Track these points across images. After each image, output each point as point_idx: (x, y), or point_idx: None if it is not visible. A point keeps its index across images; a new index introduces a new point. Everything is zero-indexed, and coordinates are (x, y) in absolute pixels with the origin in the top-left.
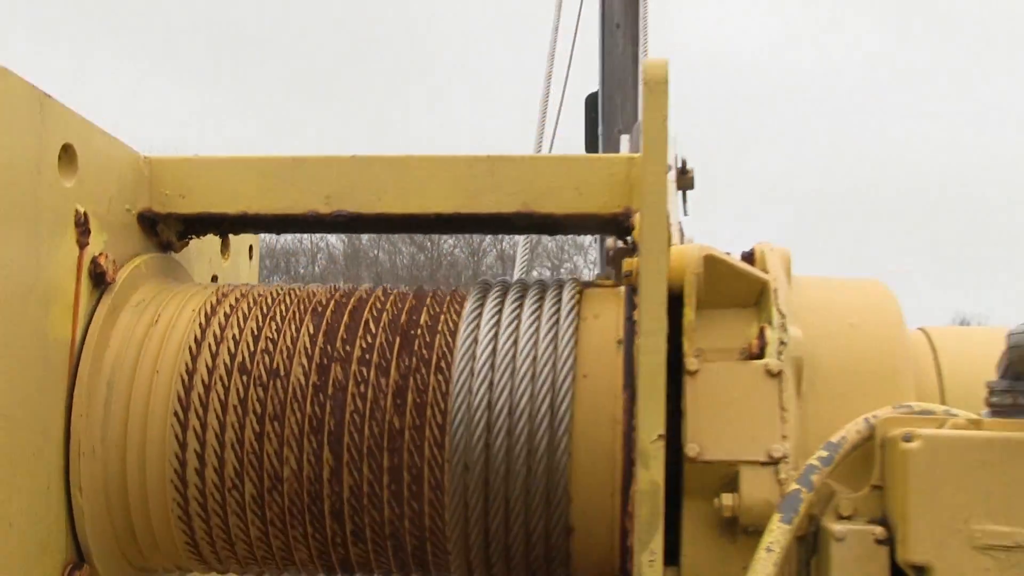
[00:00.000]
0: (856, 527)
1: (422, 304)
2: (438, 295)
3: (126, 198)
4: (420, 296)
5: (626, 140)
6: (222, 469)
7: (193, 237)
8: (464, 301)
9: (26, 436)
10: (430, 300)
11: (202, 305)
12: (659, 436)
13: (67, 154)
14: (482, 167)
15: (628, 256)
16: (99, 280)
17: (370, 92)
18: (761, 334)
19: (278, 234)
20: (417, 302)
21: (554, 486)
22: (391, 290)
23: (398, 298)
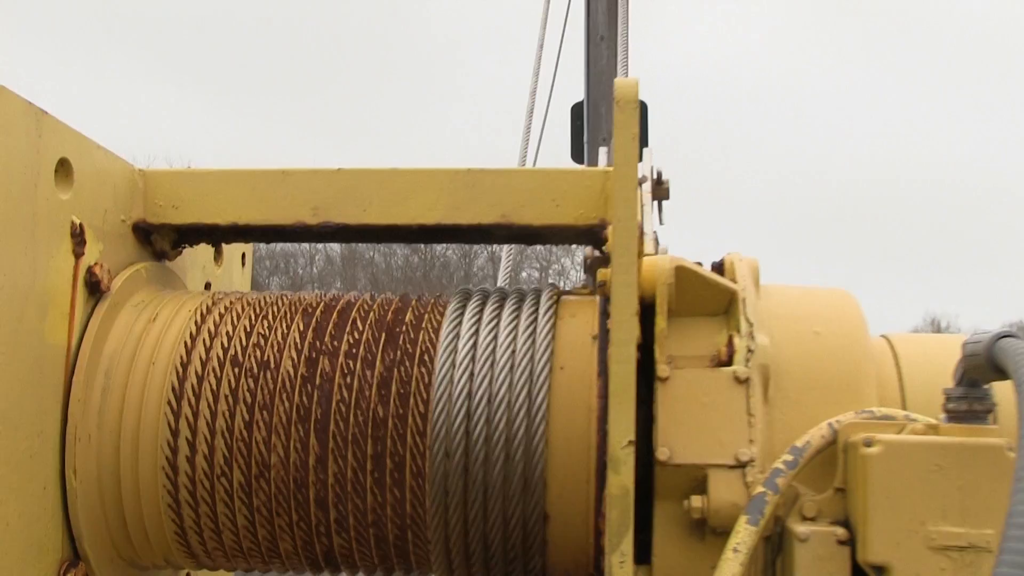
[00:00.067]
0: (819, 528)
1: (407, 306)
2: (423, 300)
3: (121, 209)
4: (405, 300)
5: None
6: (212, 456)
7: (186, 246)
8: (447, 305)
9: (23, 439)
10: (415, 303)
11: (198, 306)
12: (629, 442)
13: (63, 168)
14: (463, 180)
15: (603, 266)
16: (94, 288)
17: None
18: (730, 342)
19: (268, 243)
20: (403, 305)
21: (531, 472)
22: (378, 296)
23: (384, 302)
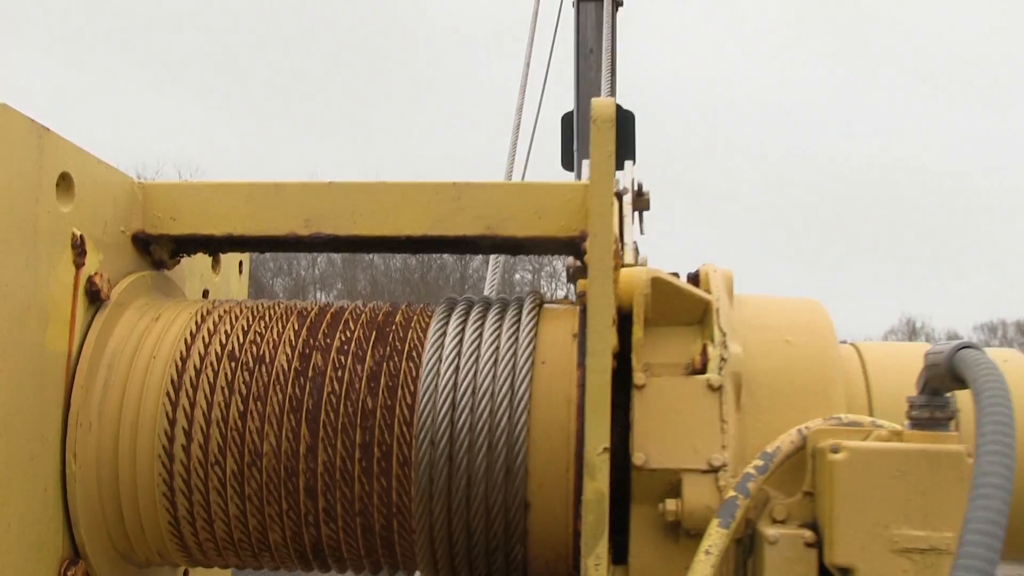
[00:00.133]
0: (787, 531)
1: (397, 311)
2: (412, 306)
3: (121, 221)
4: (395, 306)
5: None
6: (207, 444)
7: (184, 256)
8: (436, 309)
9: (24, 443)
10: (404, 308)
11: (199, 308)
12: (604, 449)
13: (64, 182)
14: (448, 193)
15: (584, 276)
16: (94, 297)
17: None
18: (704, 351)
19: (262, 253)
20: (393, 309)
21: (513, 459)
22: (369, 303)
23: (376, 307)
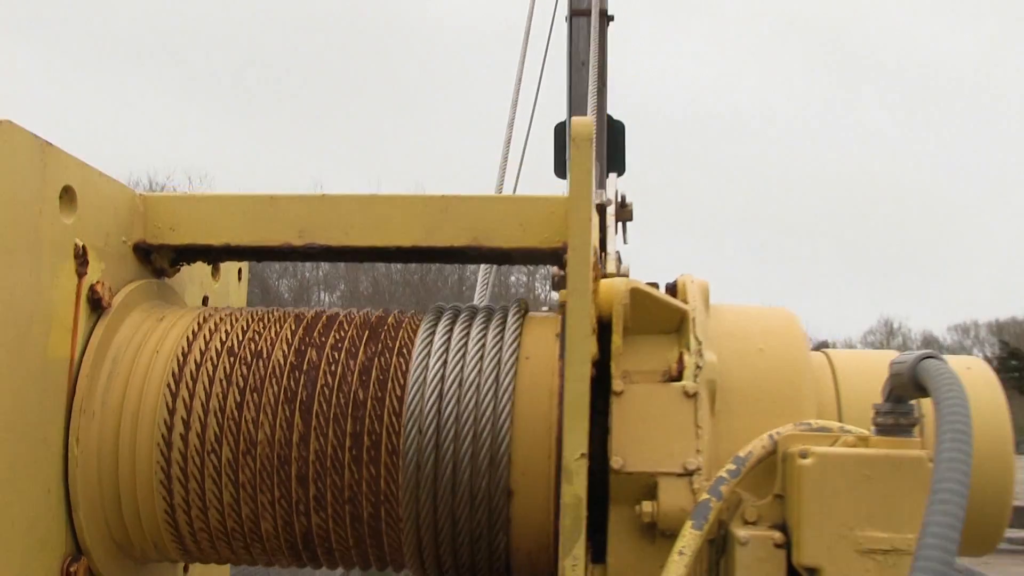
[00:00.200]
0: (757, 532)
1: (389, 315)
2: (403, 312)
3: (122, 231)
4: (387, 312)
5: None
6: (204, 433)
7: (184, 264)
8: (425, 315)
9: (28, 446)
10: (396, 313)
11: (201, 312)
12: (582, 455)
13: (67, 194)
14: (437, 205)
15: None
16: (96, 305)
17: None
18: (680, 359)
19: (258, 262)
20: (385, 314)
21: (497, 447)
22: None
23: (369, 313)
